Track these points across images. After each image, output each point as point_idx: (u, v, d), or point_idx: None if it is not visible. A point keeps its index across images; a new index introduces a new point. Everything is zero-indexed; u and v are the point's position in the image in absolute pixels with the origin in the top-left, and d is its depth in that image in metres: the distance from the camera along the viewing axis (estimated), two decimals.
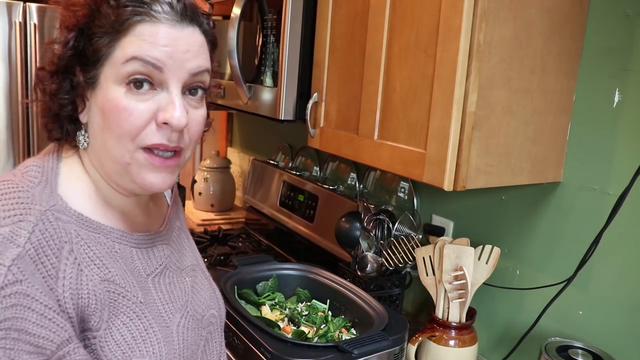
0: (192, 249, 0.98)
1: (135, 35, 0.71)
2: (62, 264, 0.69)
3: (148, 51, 0.70)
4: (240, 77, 1.50)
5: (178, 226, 0.96)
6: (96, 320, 0.72)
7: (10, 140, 2.62)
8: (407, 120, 1.10)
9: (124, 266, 0.78)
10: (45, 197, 0.72)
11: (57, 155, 0.80)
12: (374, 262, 1.47)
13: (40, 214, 0.70)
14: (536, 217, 1.27)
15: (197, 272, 0.95)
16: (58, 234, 0.70)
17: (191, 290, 0.90)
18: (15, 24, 2.48)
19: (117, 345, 0.73)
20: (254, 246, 2.06)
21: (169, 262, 0.88)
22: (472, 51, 0.98)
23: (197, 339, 0.88)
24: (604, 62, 1.13)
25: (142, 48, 0.71)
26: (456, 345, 1.22)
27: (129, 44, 0.71)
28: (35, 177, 0.74)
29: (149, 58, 0.70)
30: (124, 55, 0.71)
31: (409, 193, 1.61)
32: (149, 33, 0.71)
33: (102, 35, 0.72)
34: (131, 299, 0.77)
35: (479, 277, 1.22)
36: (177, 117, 0.72)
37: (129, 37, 0.71)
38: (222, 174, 2.48)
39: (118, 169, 0.75)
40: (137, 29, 0.71)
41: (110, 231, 0.78)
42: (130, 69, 0.71)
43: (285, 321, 1.29)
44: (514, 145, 1.09)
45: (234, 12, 1.46)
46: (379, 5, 1.15)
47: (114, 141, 0.73)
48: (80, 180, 0.79)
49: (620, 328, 1.12)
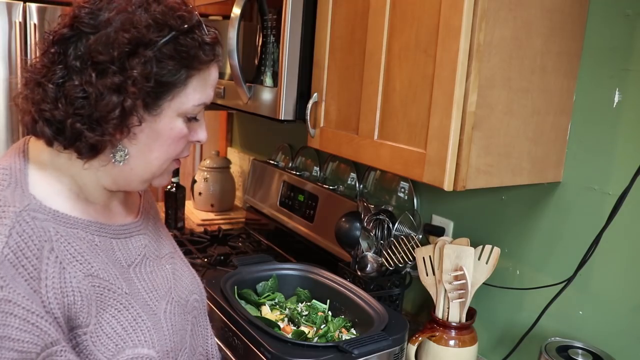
0: (168, 237, 1.00)
1: (204, 79, 0.80)
2: (43, 264, 0.69)
3: (210, 96, 0.82)
4: (240, 77, 1.50)
5: (153, 215, 0.98)
6: (84, 316, 0.72)
7: (10, 140, 2.62)
8: (407, 120, 1.10)
9: (106, 259, 0.78)
10: (17, 198, 0.72)
11: (23, 156, 0.79)
12: (374, 262, 1.47)
13: (16, 215, 0.69)
14: (536, 217, 1.27)
15: (175, 258, 0.96)
16: (37, 234, 0.70)
17: (172, 276, 0.91)
18: (15, 24, 2.48)
19: (109, 338, 0.74)
20: (254, 246, 2.06)
21: (148, 251, 0.89)
22: (472, 51, 0.98)
23: (184, 324, 0.89)
24: (604, 62, 1.13)
25: (208, 94, 0.82)
26: (456, 345, 1.22)
27: (200, 87, 0.80)
28: (3, 179, 0.74)
29: (210, 101, 0.83)
30: (197, 98, 0.79)
31: (409, 193, 1.61)
32: (214, 77, 0.82)
33: (175, 69, 0.76)
34: (117, 291, 0.77)
35: (479, 277, 1.22)
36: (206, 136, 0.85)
37: (202, 80, 0.80)
38: (222, 174, 2.48)
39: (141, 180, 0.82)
40: (206, 72, 0.80)
41: (89, 224, 0.79)
42: (198, 110, 0.81)
43: (285, 321, 1.29)
44: (514, 145, 1.09)
45: (234, 12, 1.46)
46: (379, 5, 1.15)
47: (162, 161, 0.81)
48: (54, 179, 0.78)
49: (620, 328, 1.12)
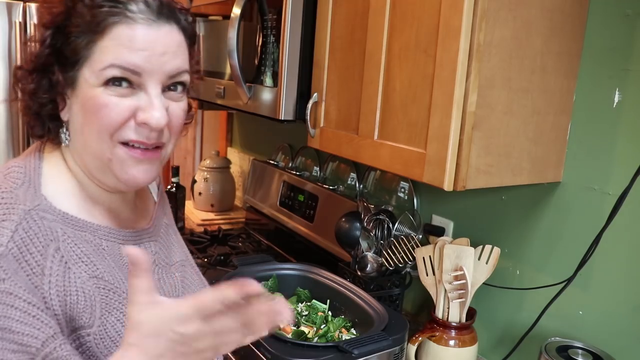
0: (180, 245, 0.98)
1: (112, 39, 0.71)
2: (48, 261, 0.69)
3: (126, 57, 0.71)
4: (240, 77, 1.50)
5: (165, 222, 0.96)
6: (87, 317, 0.72)
7: (10, 140, 2.62)
8: (407, 120, 1.10)
9: (112, 263, 0.78)
10: (29, 198, 0.72)
11: (39, 154, 0.79)
12: (374, 262, 1.47)
13: (24, 213, 0.70)
14: (536, 217, 1.27)
15: (186, 267, 0.95)
16: (43, 232, 0.70)
17: (181, 285, 0.91)
18: (15, 24, 2.48)
19: (113, 342, 0.73)
20: (254, 246, 2.06)
21: (157, 259, 0.88)
22: (472, 51, 0.98)
23: None
24: (604, 62, 1.13)
25: (119, 54, 0.70)
26: (456, 345, 1.22)
27: (107, 49, 0.71)
28: (18, 178, 0.74)
29: (127, 64, 0.71)
30: (102, 61, 0.71)
31: (409, 193, 1.61)
32: (125, 36, 0.71)
33: (79, 36, 0.71)
34: (122, 295, 0.77)
35: (479, 277, 1.22)
36: (156, 117, 0.72)
37: (106, 41, 0.71)
38: (222, 174, 2.48)
39: (99, 165, 0.76)
40: (114, 31, 0.71)
41: (97, 229, 0.78)
42: (109, 75, 0.71)
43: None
44: (514, 145, 1.09)
45: (234, 12, 1.46)
46: (379, 5, 1.15)
47: (94, 137, 0.73)
48: (64, 179, 0.78)
49: (620, 328, 1.12)
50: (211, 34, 1.79)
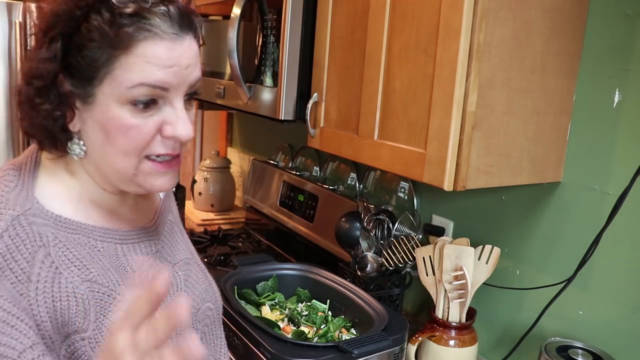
0: (185, 243, 0.97)
1: (138, 56, 0.68)
2: (35, 267, 0.69)
3: (155, 75, 0.69)
4: (240, 77, 1.50)
5: (170, 220, 0.95)
6: (80, 321, 0.71)
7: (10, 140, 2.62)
8: (407, 120, 1.10)
9: (108, 264, 0.77)
10: (20, 202, 0.72)
11: (36, 158, 0.79)
12: (374, 262, 1.47)
13: (12, 219, 0.69)
14: (536, 217, 1.27)
15: (191, 265, 0.94)
16: (31, 239, 0.70)
17: (184, 284, 0.89)
18: (15, 24, 2.48)
19: None
20: (254, 246, 2.06)
21: (159, 257, 0.87)
22: (472, 51, 0.98)
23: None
24: (604, 62, 1.13)
25: (148, 72, 0.69)
26: (456, 345, 1.22)
27: (134, 67, 0.68)
28: (11, 181, 0.74)
29: (156, 82, 0.69)
30: (128, 80, 0.69)
31: (409, 193, 1.61)
32: (152, 53, 0.69)
33: (96, 50, 0.68)
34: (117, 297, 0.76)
35: (479, 277, 1.22)
36: (187, 130, 0.73)
37: (131, 58, 0.68)
38: (222, 174, 2.48)
39: (121, 178, 0.76)
40: (140, 48, 0.68)
41: (93, 230, 0.78)
42: (137, 94, 0.69)
43: (285, 321, 1.29)
44: (514, 145, 1.09)
45: (234, 12, 1.46)
46: (379, 5, 1.15)
47: (119, 156, 0.73)
48: (62, 183, 0.78)
49: (620, 328, 1.12)
50: (211, 34, 1.79)
